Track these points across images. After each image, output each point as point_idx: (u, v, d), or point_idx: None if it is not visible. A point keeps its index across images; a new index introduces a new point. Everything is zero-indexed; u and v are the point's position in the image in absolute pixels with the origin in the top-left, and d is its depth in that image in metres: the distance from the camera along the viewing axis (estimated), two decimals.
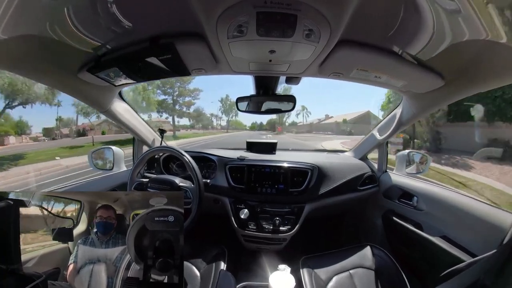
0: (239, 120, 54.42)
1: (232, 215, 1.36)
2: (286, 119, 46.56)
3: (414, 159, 1.48)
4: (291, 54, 0.74)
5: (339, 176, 1.42)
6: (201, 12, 0.55)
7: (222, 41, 0.66)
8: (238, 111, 1.25)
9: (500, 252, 0.61)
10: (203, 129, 40.14)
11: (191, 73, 0.93)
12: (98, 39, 0.68)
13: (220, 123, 46.36)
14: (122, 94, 1.25)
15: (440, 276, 0.79)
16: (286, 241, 1.34)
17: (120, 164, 1.53)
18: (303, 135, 31.59)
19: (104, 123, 21.77)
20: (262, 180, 1.37)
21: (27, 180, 8.34)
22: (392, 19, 0.58)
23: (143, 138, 1.54)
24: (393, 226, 1.32)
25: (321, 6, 0.51)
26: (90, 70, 0.81)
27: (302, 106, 44.43)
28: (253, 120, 59.49)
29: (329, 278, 1.02)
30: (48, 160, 11.31)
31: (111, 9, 0.55)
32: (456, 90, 0.82)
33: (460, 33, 0.54)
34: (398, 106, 1.25)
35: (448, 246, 0.98)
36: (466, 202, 1.00)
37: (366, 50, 0.71)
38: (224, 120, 46.70)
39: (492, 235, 0.83)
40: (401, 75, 0.85)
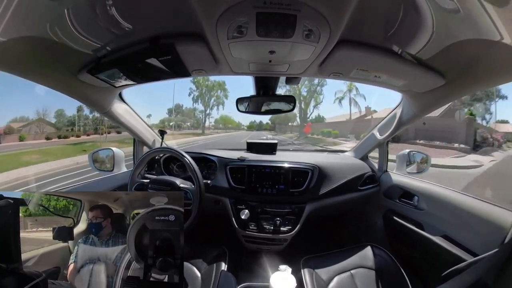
0: (230, 116, 40.98)
1: (232, 215, 1.36)
2: (311, 112, 28.81)
3: (415, 159, 1.48)
4: (290, 54, 0.74)
5: (339, 176, 1.42)
6: (201, 13, 0.56)
7: (222, 41, 0.67)
8: (238, 111, 1.24)
9: (502, 251, 0.61)
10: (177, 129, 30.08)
11: (191, 74, 0.93)
12: (98, 41, 0.68)
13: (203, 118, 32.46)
14: (122, 95, 1.26)
15: (441, 275, 0.79)
16: (287, 241, 1.33)
17: (120, 165, 1.54)
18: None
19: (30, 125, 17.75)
20: (262, 181, 1.37)
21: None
22: (391, 19, 0.58)
23: (143, 139, 1.55)
24: (394, 225, 1.32)
25: (321, 6, 0.51)
26: (90, 72, 0.81)
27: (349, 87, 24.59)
28: (251, 118, 50.66)
29: (330, 278, 1.02)
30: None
31: (111, 10, 0.56)
32: (457, 89, 0.82)
33: (460, 32, 0.54)
34: (398, 105, 1.25)
35: (449, 245, 0.97)
36: (467, 201, 1.00)
37: (365, 50, 0.71)
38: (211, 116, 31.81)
39: (494, 234, 0.82)
40: (401, 74, 0.85)
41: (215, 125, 39.60)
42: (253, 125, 47.79)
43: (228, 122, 42.75)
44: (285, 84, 1.15)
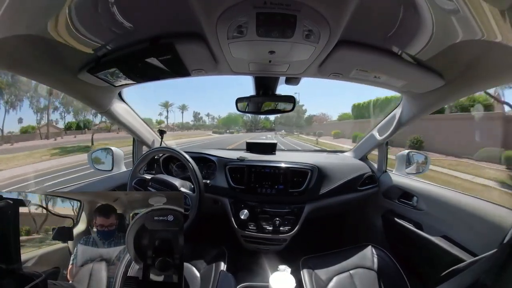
0: (233, 114, 39.80)
1: (232, 215, 1.36)
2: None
3: (414, 159, 1.48)
4: (290, 54, 0.74)
5: (339, 176, 1.42)
6: (201, 12, 0.56)
7: (222, 41, 0.67)
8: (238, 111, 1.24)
9: (501, 252, 0.61)
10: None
11: (191, 74, 0.93)
12: (98, 40, 0.68)
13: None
14: (122, 94, 1.26)
15: (440, 275, 0.79)
16: (286, 241, 1.34)
17: (119, 165, 1.54)
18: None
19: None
20: (262, 181, 1.37)
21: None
22: (391, 19, 0.58)
23: (143, 139, 1.55)
24: (393, 226, 1.32)
25: (321, 6, 0.51)
26: (90, 71, 0.81)
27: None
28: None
29: (330, 278, 1.02)
30: None
31: (111, 9, 0.56)
32: (456, 89, 0.82)
33: (460, 33, 0.54)
34: (398, 106, 1.25)
35: (448, 245, 0.98)
36: (466, 201, 1.00)
37: (365, 51, 0.71)
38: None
39: (493, 234, 0.83)
40: (400, 75, 0.85)
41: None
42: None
43: (231, 122, 39.85)
44: (285, 83, 1.15)
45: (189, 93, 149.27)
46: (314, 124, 44.65)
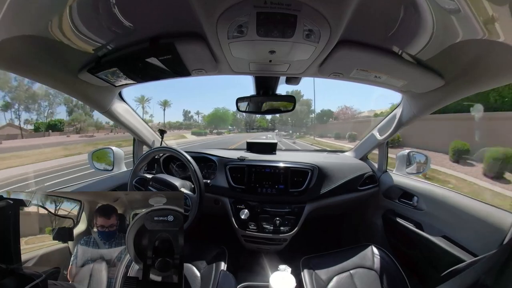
0: (221, 110, 33.28)
1: (232, 215, 1.36)
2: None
3: (415, 159, 1.48)
4: (291, 54, 0.74)
5: (339, 176, 1.42)
6: (201, 12, 0.56)
7: (222, 41, 0.66)
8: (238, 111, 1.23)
9: (501, 252, 0.61)
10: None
11: (191, 74, 0.93)
12: (98, 40, 0.68)
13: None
14: (122, 94, 1.26)
15: (440, 276, 0.79)
16: (287, 241, 1.34)
17: (120, 165, 1.54)
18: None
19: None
20: (262, 181, 1.37)
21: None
22: (392, 19, 0.58)
23: (143, 139, 1.55)
24: (394, 226, 1.32)
25: (321, 6, 0.51)
26: (90, 71, 0.81)
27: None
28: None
29: (330, 278, 1.02)
30: None
31: (111, 9, 0.56)
32: (456, 89, 0.82)
33: (460, 33, 0.54)
34: (398, 106, 1.25)
35: (449, 246, 0.98)
36: (466, 202, 1.00)
37: (366, 50, 0.71)
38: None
39: (493, 235, 0.83)
40: (401, 75, 0.85)
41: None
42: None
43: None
44: (285, 83, 1.15)
45: (176, 89, 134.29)
46: (330, 122, 35.65)
